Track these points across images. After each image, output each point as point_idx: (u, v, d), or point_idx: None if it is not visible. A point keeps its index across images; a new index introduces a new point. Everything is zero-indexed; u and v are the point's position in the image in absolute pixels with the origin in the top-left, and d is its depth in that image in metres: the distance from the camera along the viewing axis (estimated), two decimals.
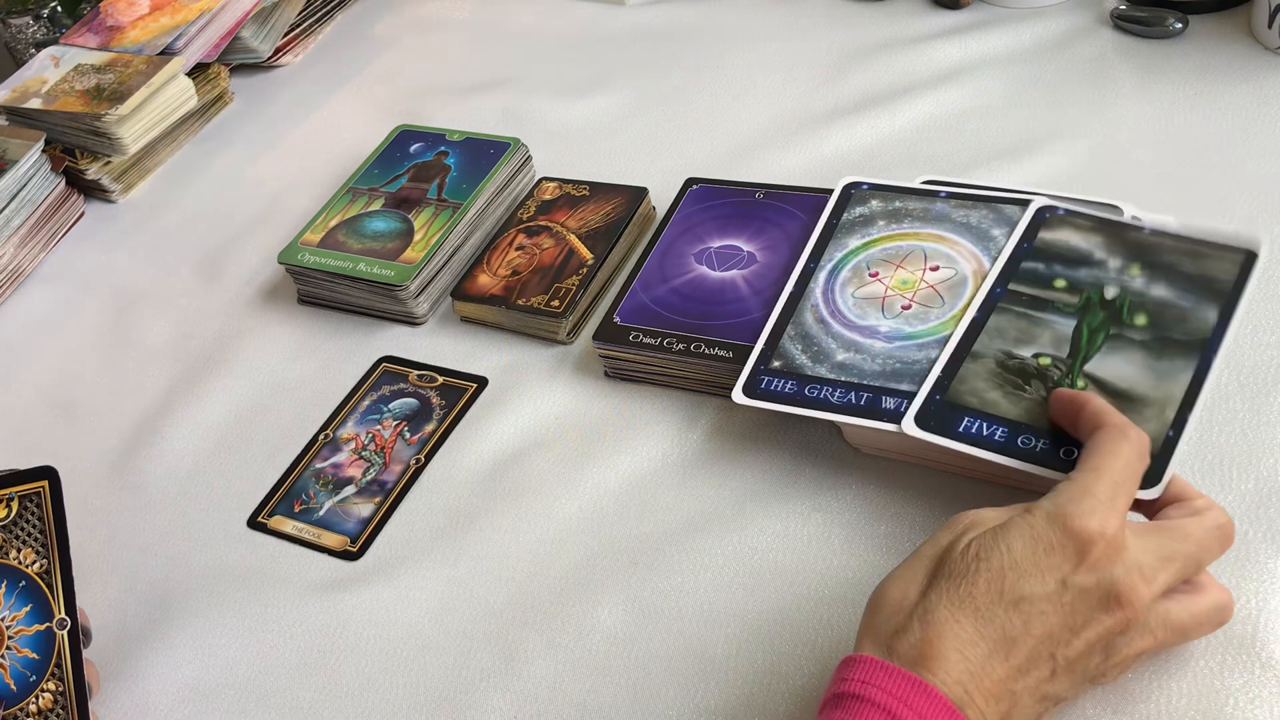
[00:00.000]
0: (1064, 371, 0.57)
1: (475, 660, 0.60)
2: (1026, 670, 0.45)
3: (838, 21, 0.95)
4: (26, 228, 0.98)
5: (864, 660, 0.46)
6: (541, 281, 0.77)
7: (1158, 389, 0.55)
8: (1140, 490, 0.50)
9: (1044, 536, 0.46)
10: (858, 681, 0.45)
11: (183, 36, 1.06)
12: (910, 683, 0.44)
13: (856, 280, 0.66)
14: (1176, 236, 0.60)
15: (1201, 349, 0.55)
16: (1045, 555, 0.46)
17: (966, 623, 0.45)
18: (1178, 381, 0.55)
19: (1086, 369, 0.56)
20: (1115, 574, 0.46)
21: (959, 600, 0.46)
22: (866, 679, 0.45)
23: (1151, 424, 0.53)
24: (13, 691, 0.57)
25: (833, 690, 0.46)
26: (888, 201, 0.69)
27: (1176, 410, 0.54)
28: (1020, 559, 0.46)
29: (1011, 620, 0.45)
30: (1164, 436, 0.53)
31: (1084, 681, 0.47)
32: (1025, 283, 0.61)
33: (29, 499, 0.60)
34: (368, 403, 0.76)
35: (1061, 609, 0.45)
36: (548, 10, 1.09)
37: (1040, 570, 0.46)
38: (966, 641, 0.45)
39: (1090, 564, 0.46)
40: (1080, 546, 0.46)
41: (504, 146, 0.86)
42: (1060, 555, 0.46)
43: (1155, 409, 0.54)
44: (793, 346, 0.64)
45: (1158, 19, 0.82)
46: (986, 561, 0.46)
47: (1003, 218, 0.65)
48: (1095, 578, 0.46)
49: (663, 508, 0.64)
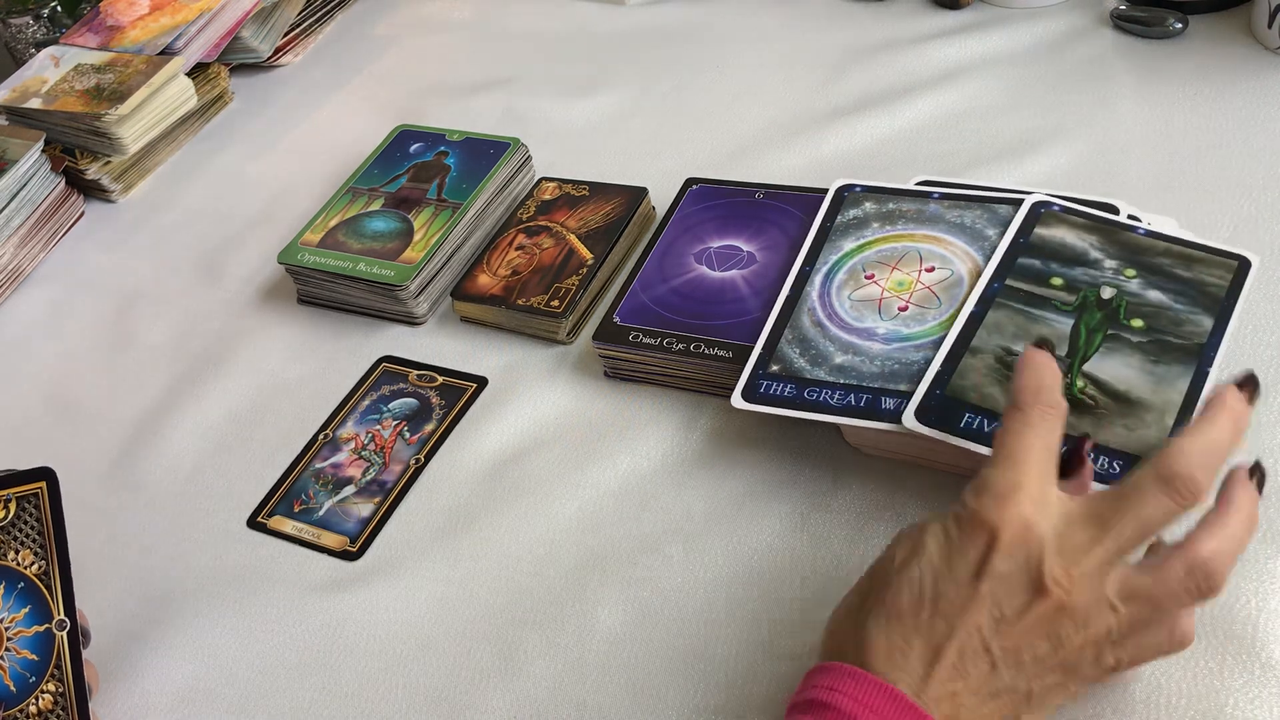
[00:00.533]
0: (1063, 370, 0.57)
1: (475, 660, 0.60)
2: (962, 668, 0.45)
3: (837, 21, 0.95)
4: (26, 228, 0.98)
5: (832, 668, 0.46)
6: (541, 281, 0.77)
7: (1157, 394, 0.55)
8: None
9: (953, 533, 0.47)
10: (823, 688, 0.45)
11: (183, 36, 1.06)
12: (876, 688, 0.44)
13: (852, 283, 0.66)
14: (1170, 240, 0.60)
15: (1198, 356, 0.55)
16: (957, 553, 0.46)
17: (895, 633, 0.46)
18: (1175, 388, 0.55)
19: (1086, 369, 0.56)
20: (1032, 557, 0.45)
21: (885, 612, 0.46)
22: (832, 685, 0.45)
23: (1152, 430, 0.53)
24: (12, 693, 0.57)
25: (800, 696, 0.47)
26: (881, 204, 0.69)
27: (1176, 416, 0.54)
28: (935, 560, 0.46)
29: (935, 623, 0.45)
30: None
31: (1055, 674, 0.45)
32: (1022, 279, 0.61)
33: (27, 500, 0.60)
34: (367, 403, 0.76)
35: (981, 601, 0.45)
36: (548, 10, 1.09)
37: (952, 568, 0.46)
38: (897, 650, 0.45)
39: (1003, 553, 0.45)
40: (988, 538, 0.45)
41: (504, 146, 0.86)
42: (971, 549, 0.46)
43: (1155, 414, 0.54)
44: (790, 350, 0.64)
45: (1158, 19, 0.82)
46: (906, 569, 0.47)
47: (997, 218, 0.65)
48: (1010, 565, 0.45)
49: (662, 508, 0.64)
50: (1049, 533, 0.45)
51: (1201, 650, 0.51)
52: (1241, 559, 0.53)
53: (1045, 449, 0.48)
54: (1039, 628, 0.45)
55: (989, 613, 0.45)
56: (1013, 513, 0.45)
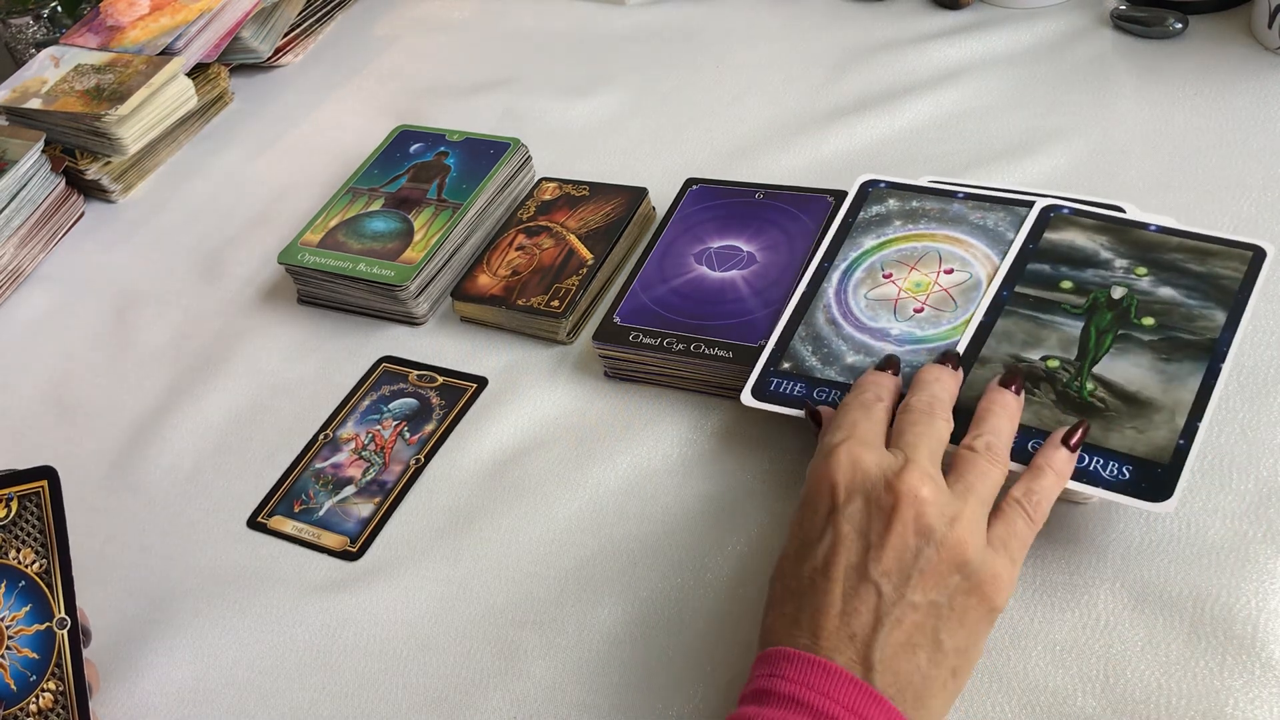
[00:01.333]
0: (1072, 374, 0.56)
1: (475, 660, 0.60)
2: (854, 607, 0.47)
3: (838, 21, 0.95)
4: (26, 228, 0.98)
5: (772, 654, 0.49)
6: (541, 281, 0.77)
7: (1167, 393, 0.54)
8: (1153, 504, 0.51)
9: (802, 499, 0.52)
10: (764, 676, 0.48)
11: (183, 36, 1.06)
12: (781, 657, 0.48)
13: (870, 281, 0.65)
14: (1182, 235, 0.60)
15: (1210, 351, 0.55)
16: (809, 514, 0.51)
17: (786, 606, 0.50)
18: (1187, 386, 0.54)
19: (1095, 371, 0.56)
20: (870, 480, 0.50)
21: (773, 594, 0.51)
22: (773, 671, 0.48)
23: (1162, 430, 0.53)
24: (13, 691, 0.57)
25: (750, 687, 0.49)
26: (904, 201, 0.69)
27: (1186, 417, 0.53)
28: (793, 531, 0.52)
29: (814, 576, 0.49)
30: (1174, 445, 0.52)
31: (952, 574, 0.48)
32: (1031, 285, 0.61)
33: (28, 499, 0.60)
34: (368, 403, 0.76)
35: (845, 539, 0.49)
36: (548, 10, 1.09)
37: (804, 528, 0.51)
38: (790, 621, 0.49)
39: (846, 495, 0.50)
40: (829, 491, 0.50)
41: (504, 146, 0.86)
42: (818, 502, 0.51)
43: (1165, 414, 0.54)
44: (803, 348, 0.63)
45: (1158, 19, 0.82)
46: (785, 545, 0.52)
47: (1019, 220, 0.65)
48: (859, 498, 0.49)
49: (663, 508, 0.64)
50: (873, 460, 0.50)
51: (1201, 650, 0.51)
52: (1242, 559, 0.53)
53: (858, 408, 0.54)
54: (906, 532, 0.48)
55: (859, 543, 0.48)
56: (840, 458, 0.51)
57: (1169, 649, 0.51)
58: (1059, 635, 0.53)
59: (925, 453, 0.50)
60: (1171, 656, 0.51)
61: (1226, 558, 0.53)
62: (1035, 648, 0.53)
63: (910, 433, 0.52)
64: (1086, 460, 0.53)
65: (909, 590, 0.47)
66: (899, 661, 0.46)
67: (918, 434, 0.52)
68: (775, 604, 0.51)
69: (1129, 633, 0.52)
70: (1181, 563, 0.54)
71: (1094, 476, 0.53)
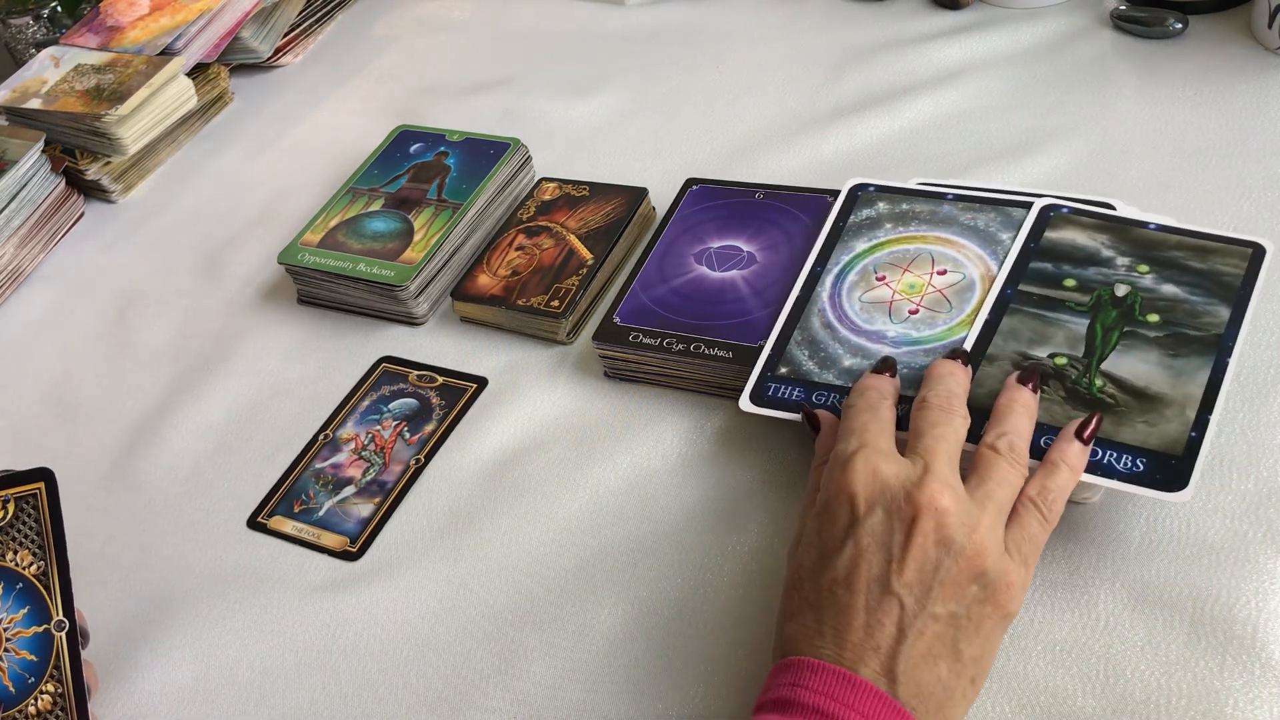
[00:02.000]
0: (1081, 371, 0.57)
1: (475, 660, 0.60)
2: (877, 619, 0.47)
3: (838, 21, 0.95)
4: (26, 228, 0.98)
5: (794, 663, 0.48)
6: (541, 282, 0.77)
7: (1176, 388, 0.55)
8: (1168, 494, 0.51)
9: (819, 509, 0.51)
10: (786, 685, 0.47)
11: (183, 36, 1.06)
12: (834, 675, 0.47)
13: (863, 284, 0.65)
14: (1181, 233, 0.60)
15: (1216, 346, 0.55)
16: (827, 525, 0.50)
17: (806, 616, 0.49)
18: (1195, 380, 0.55)
19: (1103, 368, 0.56)
20: (890, 491, 0.49)
21: (791, 603, 0.50)
22: (795, 681, 0.47)
23: (1173, 424, 0.53)
24: (11, 693, 0.57)
25: (764, 696, 0.49)
26: (894, 204, 0.69)
27: (1197, 410, 0.54)
28: (809, 540, 0.51)
29: (835, 591, 0.48)
30: (1186, 438, 0.53)
31: (971, 585, 0.47)
32: (1035, 283, 0.61)
33: (25, 501, 0.60)
34: (367, 403, 0.76)
35: (866, 551, 0.48)
36: (548, 10, 1.09)
37: (823, 538, 0.50)
38: (812, 632, 0.48)
39: (867, 506, 0.49)
40: (849, 502, 0.50)
41: (504, 147, 0.86)
42: (838, 513, 0.50)
43: (1176, 409, 0.54)
44: (800, 352, 0.63)
45: (1158, 19, 0.82)
46: (795, 558, 0.52)
47: (1010, 221, 0.65)
48: (879, 510, 0.49)
49: (663, 508, 0.64)
50: (892, 471, 0.50)
51: (1201, 650, 0.51)
52: (1242, 559, 0.53)
53: (869, 416, 0.54)
54: (926, 543, 0.47)
55: (880, 555, 0.48)
56: (857, 468, 0.50)
57: (1169, 649, 0.51)
58: (1059, 635, 0.53)
59: (944, 458, 0.50)
60: (1171, 656, 0.51)
61: (1226, 558, 0.53)
62: (1035, 648, 0.53)
63: (929, 435, 0.51)
64: (1100, 454, 0.53)
65: (930, 602, 0.47)
66: (921, 673, 0.46)
67: (936, 436, 0.51)
68: (794, 614, 0.50)
69: (1129, 633, 0.52)
70: (1181, 563, 0.54)
71: (1109, 469, 0.53)
